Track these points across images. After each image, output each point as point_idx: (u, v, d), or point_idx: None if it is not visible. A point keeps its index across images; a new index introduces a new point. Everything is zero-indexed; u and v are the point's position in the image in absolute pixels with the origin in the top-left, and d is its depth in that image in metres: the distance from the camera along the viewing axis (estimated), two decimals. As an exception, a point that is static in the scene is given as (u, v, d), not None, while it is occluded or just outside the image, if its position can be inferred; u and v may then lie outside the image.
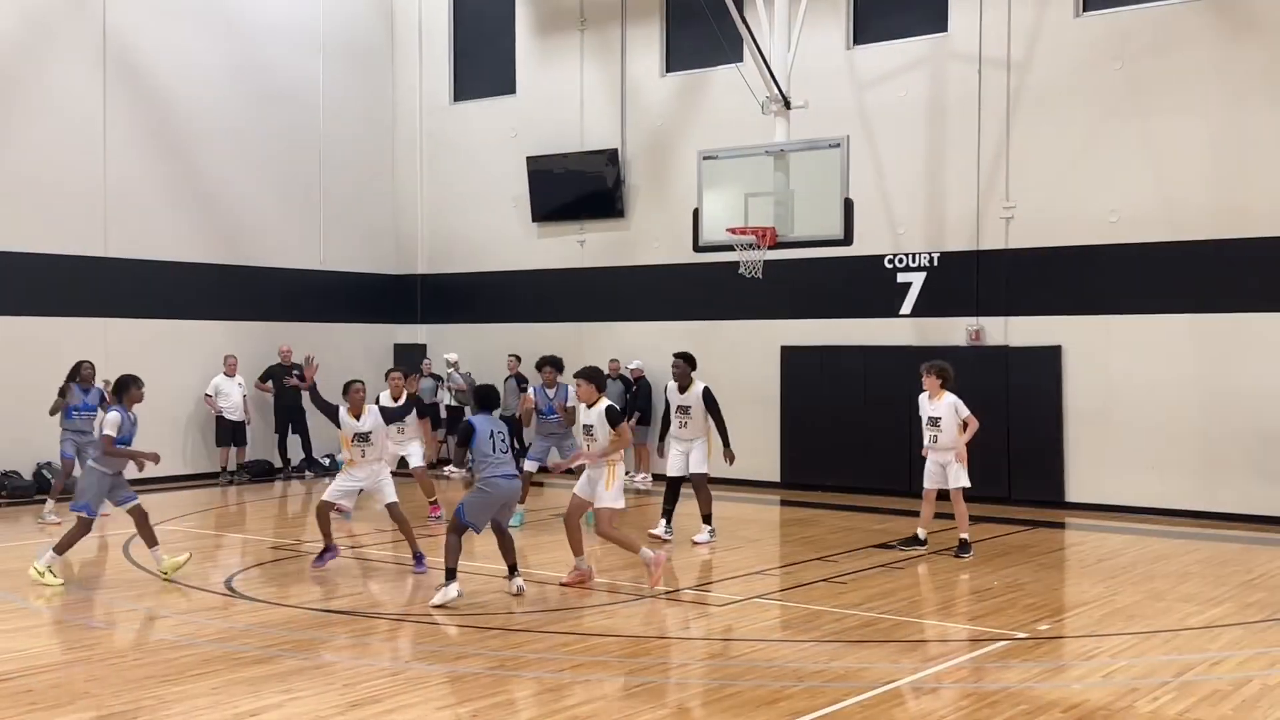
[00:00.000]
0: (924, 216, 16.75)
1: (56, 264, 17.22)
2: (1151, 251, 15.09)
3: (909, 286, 16.73)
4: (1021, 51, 15.99)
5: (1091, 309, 15.53)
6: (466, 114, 21.41)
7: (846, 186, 14.28)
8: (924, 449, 12.30)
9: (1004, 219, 16.11)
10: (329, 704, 7.10)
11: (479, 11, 21.42)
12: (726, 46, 16.97)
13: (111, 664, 8.00)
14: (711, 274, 17.59)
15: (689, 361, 12.96)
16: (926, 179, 16.75)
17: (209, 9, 19.21)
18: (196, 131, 19.01)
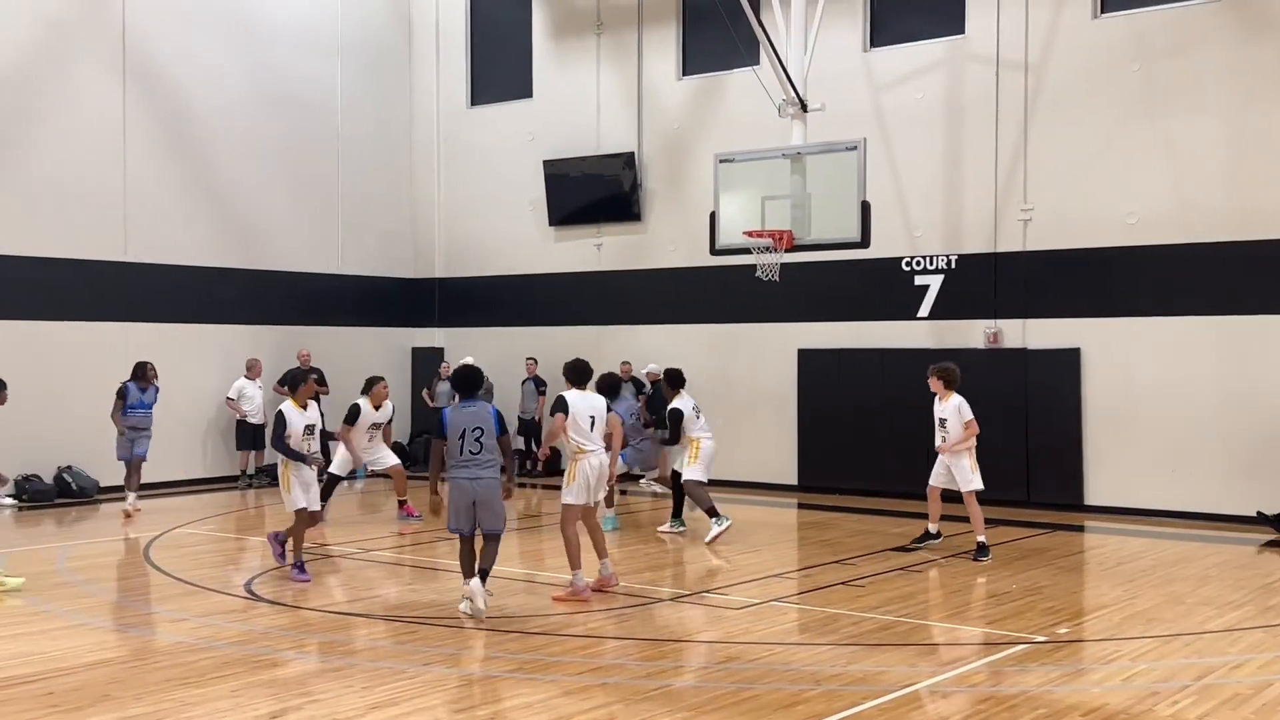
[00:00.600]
0: (941, 219, 16.73)
1: (76, 269, 17.32)
2: (1170, 253, 15.05)
3: (926, 289, 16.74)
4: (1039, 53, 15.96)
5: (1110, 311, 15.48)
6: (483, 118, 21.46)
7: (863, 189, 14.27)
8: (937, 448, 12.39)
9: (1022, 221, 16.07)
10: (348, 706, 7.12)
11: (495, 15, 21.48)
12: (743, 49, 16.98)
13: (132, 667, 8.04)
14: (728, 277, 17.60)
15: (669, 382, 13.83)
16: (944, 181, 16.72)
17: (227, 14, 19.31)
18: (214, 136, 19.11)
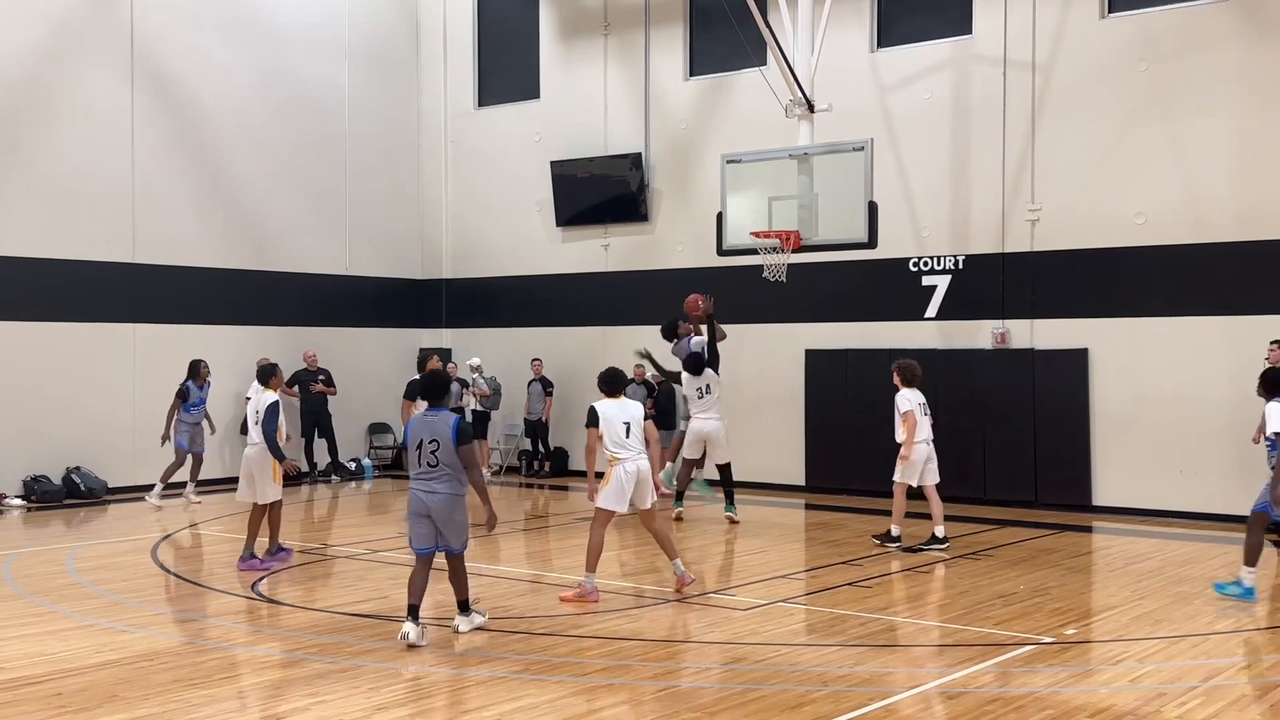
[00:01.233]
0: (949, 219, 16.70)
1: (85, 270, 17.36)
2: (1178, 253, 15.01)
3: (934, 289, 16.70)
4: (1046, 53, 15.93)
5: (1118, 311, 15.45)
6: (491, 119, 21.48)
7: (870, 189, 14.26)
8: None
9: (1029, 221, 16.04)
10: (355, 707, 7.13)
11: (503, 17, 21.49)
12: (750, 50, 16.97)
13: (139, 668, 8.06)
14: (735, 277, 17.59)
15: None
16: (951, 182, 16.70)
17: (235, 16, 19.35)
18: (222, 137, 19.15)
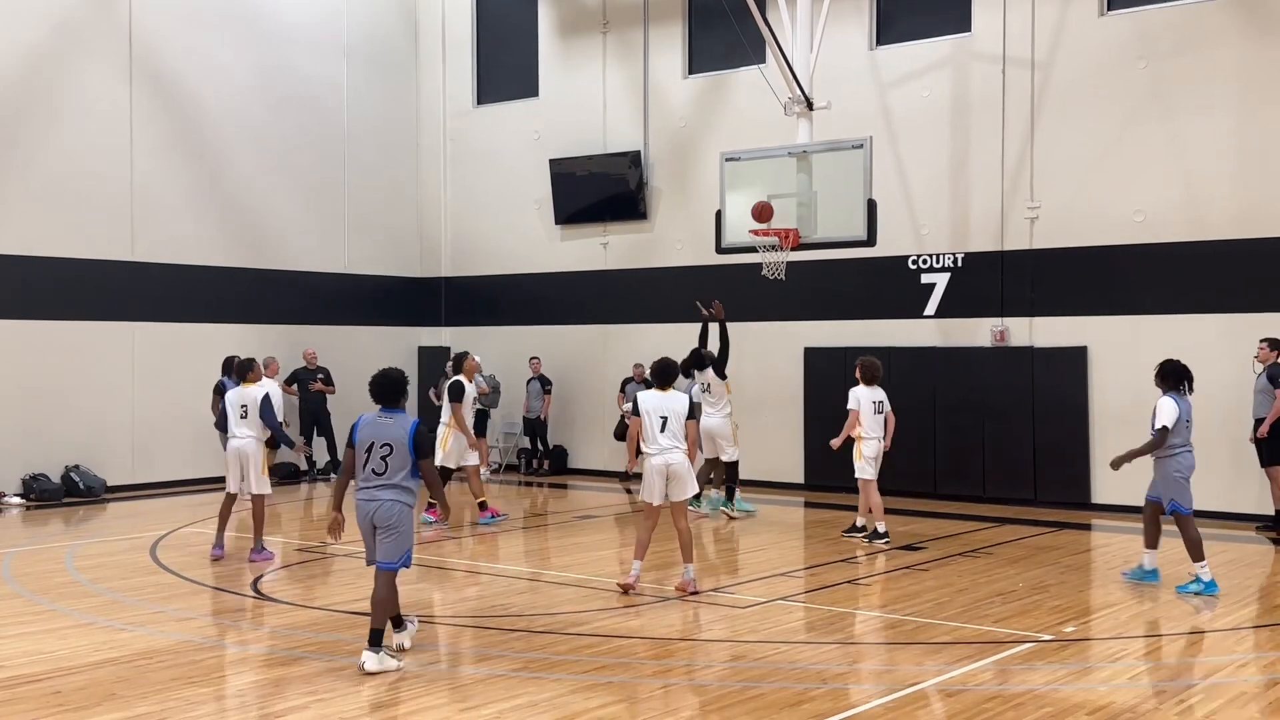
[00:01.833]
0: (948, 217, 16.69)
1: (84, 268, 17.34)
2: (1177, 251, 15.00)
3: (933, 287, 16.69)
4: (1045, 51, 15.92)
5: (1117, 309, 15.44)
6: (489, 117, 21.47)
7: (870, 187, 14.26)
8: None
9: (1028, 219, 16.04)
10: (353, 705, 7.14)
11: (501, 14, 21.48)
12: (749, 48, 16.97)
13: (138, 666, 8.05)
14: (734, 275, 17.59)
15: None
16: (950, 179, 16.69)
17: (233, 14, 19.33)
18: (221, 136, 19.13)
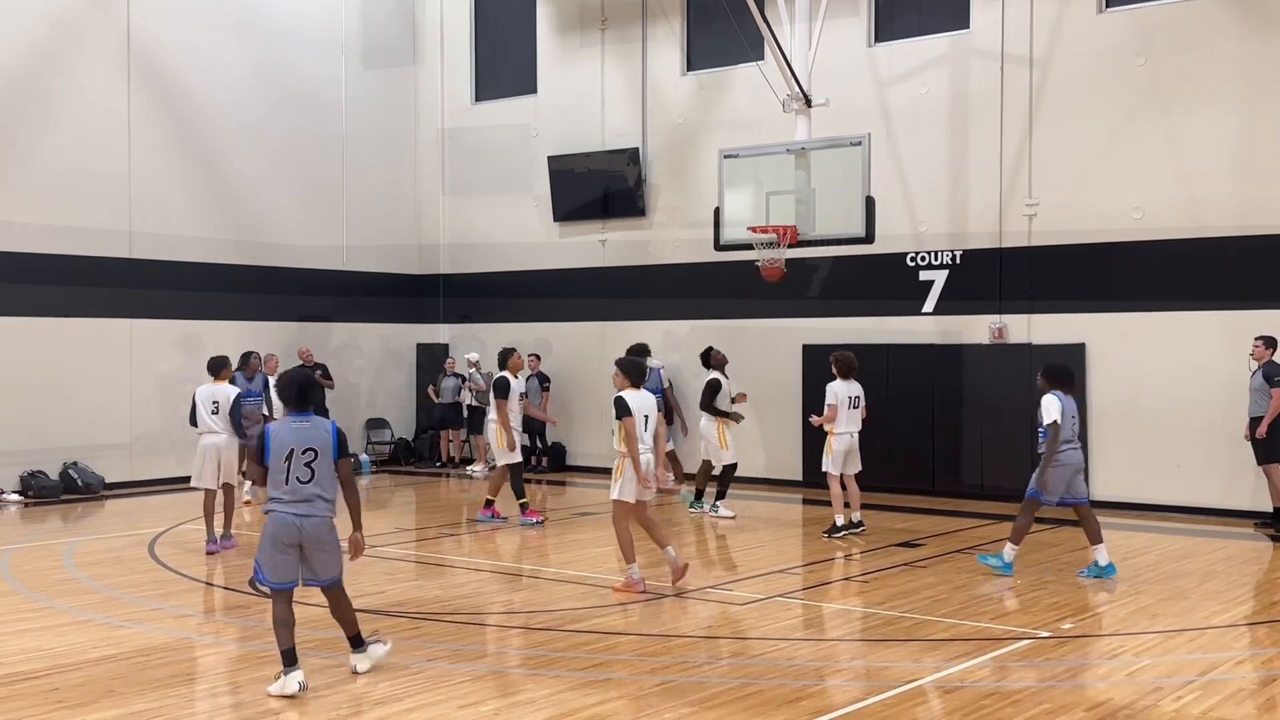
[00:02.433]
0: (946, 214, 16.68)
1: (82, 265, 17.32)
2: (1176, 247, 14.98)
3: (931, 284, 16.67)
4: (1044, 48, 15.91)
5: (1116, 306, 15.40)
6: (488, 114, 21.45)
7: (868, 184, 14.25)
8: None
9: (1027, 216, 16.03)
10: (350, 701, 7.13)
11: (500, 11, 21.46)
12: (747, 45, 16.95)
13: (136, 663, 8.05)
14: (733, 273, 17.56)
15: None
16: (949, 176, 16.67)
17: (232, 11, 19.30)
18: (220, 132, 19.10)
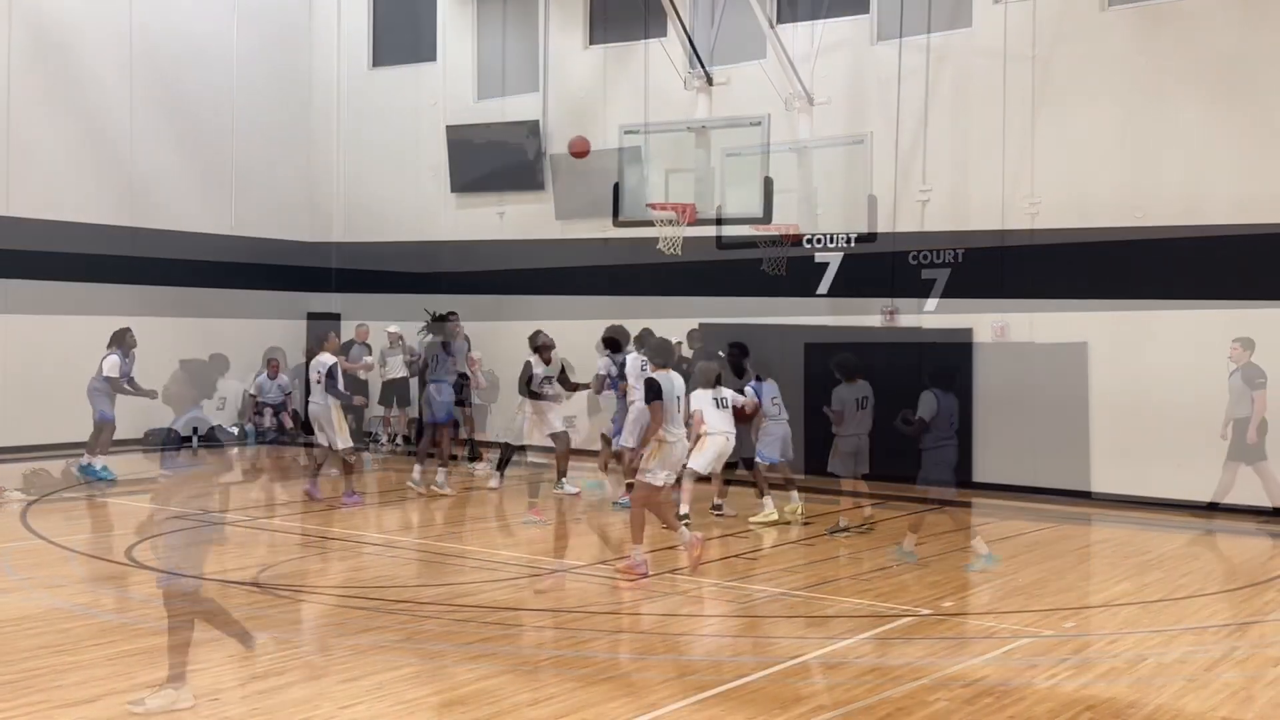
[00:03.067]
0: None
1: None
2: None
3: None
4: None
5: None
6: (386, 80, 21.06)
7: (767, 165, 14.23)
8: None
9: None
10: (229, 676, 7.00)
11: (401, -25, 21.05)
12: (650, 20, 16.79)
13: (5, 633, 7.83)
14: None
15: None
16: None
17: (122, -34, 18.67)
18: (105, 90, 18.46)
